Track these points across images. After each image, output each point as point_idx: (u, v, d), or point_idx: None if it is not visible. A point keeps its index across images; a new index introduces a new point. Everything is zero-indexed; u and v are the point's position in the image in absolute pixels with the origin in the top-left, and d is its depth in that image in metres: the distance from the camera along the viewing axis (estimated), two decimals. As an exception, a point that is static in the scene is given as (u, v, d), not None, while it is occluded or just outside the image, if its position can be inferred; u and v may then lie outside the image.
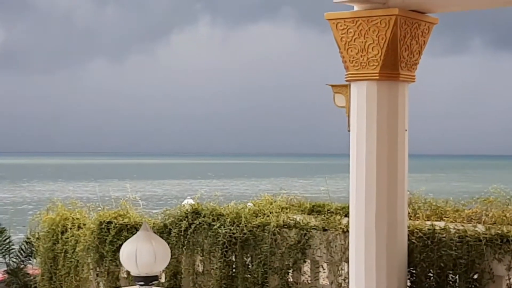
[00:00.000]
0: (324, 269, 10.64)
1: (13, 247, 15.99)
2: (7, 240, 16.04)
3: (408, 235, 9.42)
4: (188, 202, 13.27)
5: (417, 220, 10.22)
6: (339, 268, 10.37)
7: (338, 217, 10.62)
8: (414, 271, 9.63)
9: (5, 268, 16.04)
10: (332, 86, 9.60)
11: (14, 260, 15.88)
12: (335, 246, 10.34)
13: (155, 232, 10.39)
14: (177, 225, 11.53)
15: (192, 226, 11.40)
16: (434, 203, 10.89)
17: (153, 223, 11.73)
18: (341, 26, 8.94)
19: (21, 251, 15.85)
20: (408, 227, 9.47)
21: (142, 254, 8.32)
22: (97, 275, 12.43)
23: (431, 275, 9.54)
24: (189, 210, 11.61)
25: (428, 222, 9.89)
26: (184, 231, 11.45)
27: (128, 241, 8.58)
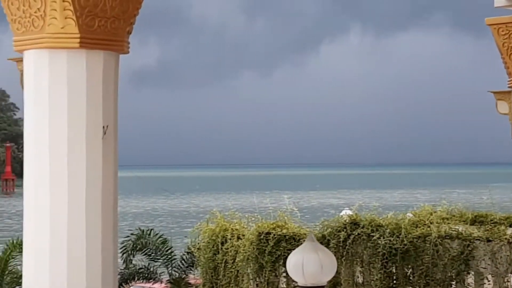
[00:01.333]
0: (489, 281, 10.33)
1: (175, 257, 16.34)
2: (169, 251, 16.40)
3: None
4: (346, 212, 13.18)
5: None
6: (505, 280, 10.04)
7: (502, 227, 10.30)
8: None
9: (168, 278, 16.42)
10: (494, 93, 9.32)
11: (176, 270, 16.23)
12: (500, 257, 10.03)
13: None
14: (336, 235, 11.46)
15: (351, 237, 11.30)
16: None
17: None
18: (502, 31, 8.66)
19: (183, 261, 16.18)
20: None
21: (308, 265, 8.32)
22: (257, 285, 12.48)
23: None
24: (347, 220, 11.52)
25: None
26: (343, 242, 11.36)
27: (294, 251, 8.59)
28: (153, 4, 7.39)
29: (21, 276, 17.00)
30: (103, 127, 7.00)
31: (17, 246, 17.55)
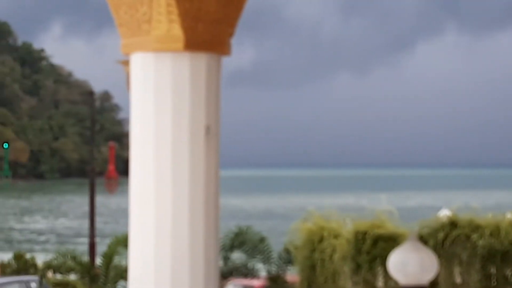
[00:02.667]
0: None
1: (272, 255, 16.47)
2: (267, 248, 16.54)
3: None
4: (444, 213, 13.11)
5: None
6: None
7: None
8: None
9: (265, 275, 16.56)
10: None
11: (274, 267, 16.37)
12: None
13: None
14: (434, 236, 11.44)
15: (450, 238, 11.26)
16: None
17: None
18: None
19: (280, 259, 16.31)
20: None
21: (410, 264, 8.37)
22: (354, 284, 12.55)
23: None
24: (445, 221, 11.48)
25: None
26: (441, 242, 11.33)
27: (396, 251, 8.64)
28: (248, 4, 7.54)
29: (125, 270, 17.60)
30: (206, 128, 7.17)
31: (121, 242, 17.99)
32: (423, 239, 11.61)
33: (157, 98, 7.18)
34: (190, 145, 7.21)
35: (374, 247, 12.08)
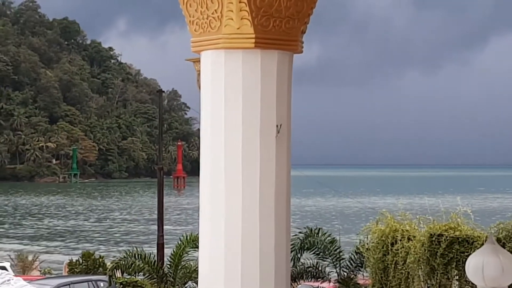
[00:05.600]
0: None
1: (343, 257, 16.28)
2: (337, 250, 16.35)
3: None
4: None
5: None
6: None
7: None
8: None
9: (336, 278, 16.37)
10: None
11: (345, 270, 16.16)
12: None
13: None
14: None
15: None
16: None
17: (485, 237, 11.39)
18: None
19: (351, 261, 16.10)
20: None
21: (489, 267, 8.11)
22: (428, 287, 12.29)
23: None
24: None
25: None
26: (519, 246, 11.02)
27: (474, 254, 8.41)
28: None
29: (193, 271, 17.51)
30: (277, 126, 7.05)
31: (190, 242, 17.97)
32: (501, 242, 11.30)
33: (228, 96, 7.09)
34: (260, 144, 7.09)
35: (449, 250, 11.80)
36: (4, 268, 27.88)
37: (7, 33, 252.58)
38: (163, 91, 41.87)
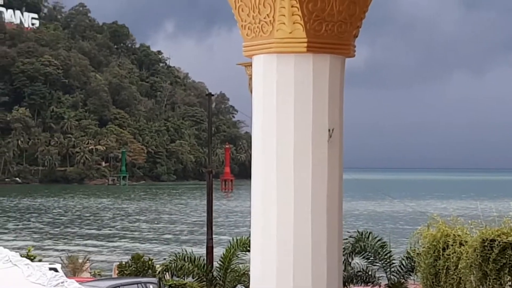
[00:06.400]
0: None
1: (393, 261, 16.18)
2: (388, 255, 16.25)
3: None
4: None
5: None
6: None
7: None
8: None
9: (386, 282, 16.28)
10: None
11: (395, 274, 16.05)
12: None
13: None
14: None
15: None
16: None
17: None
18: None
19: (402, 266, 15.98)
20: None
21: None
22: (480, 293, 12.18)
23: None
24: None
25: None
26: None
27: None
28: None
29: (243, 274, 17.53)
30: (329, 130, 7.04)
31: (239, 245, 17.99)
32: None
33: (280, 100, 7.10)
34: (312, 148, 7.08)
35: (502, 255, 11.66)
36: (55, 269, 28.19)
37: (58, 37, 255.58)
38: (212, 95, 41.94)
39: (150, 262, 31.14)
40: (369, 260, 16.35)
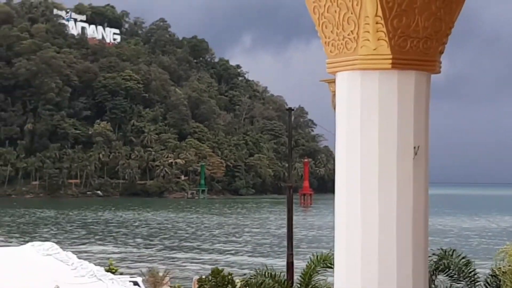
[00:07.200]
0: None
1: (478, 280, 15.91)
2: (472, 273, 15.98)
3: None
4: None
5: None
6: None
7: None
8: None
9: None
10: None
11: (480, 293, 15.77)
12: None
13: None
14: None
15: None
16: None
17: None
18: None
19: (487, 285, 15.69)
20: None
21: None
22: None
23: None
24: None
25: None
26: None
27: None
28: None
29: (324, 290, 17.38)
30: (414, 147, 6.98)
31: (320, 261, 17.91)
32: None
33: (364, 117, 7.06)
34: (397, 166, 7.02)
35: None
36: (136, 283, 28.49)
37: (138, 52, 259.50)
38: (292, 109, 42.04)
39: (229, 276, 31.26)
40: (453, 278, 16.09)
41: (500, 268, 13.39)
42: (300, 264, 20.49)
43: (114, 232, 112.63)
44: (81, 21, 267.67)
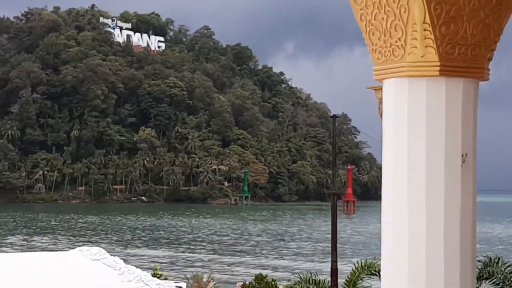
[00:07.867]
0: None
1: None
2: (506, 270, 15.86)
3: None
4: None
5: None
6: None
7: None
8: None
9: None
10: None
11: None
12: None
13: None
14: None
15: None
16: None
17: None
18: None
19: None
20: None
21: None
22: None
23: None
24: None
25: None
26: None
27: None
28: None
29: (368, 297, 17.33)
30: (462, 155, 6.95)
31: (364, 268, 17.86)
32: None
33: (411, 124, 7.04)
34: (445, 174, 6.99)
35: None
36: (181, 288, 28.57)
37: (182, 60, 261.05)
38: (337, 116, 41.96)
39: (273, 283, 31.26)
40: (498, 286, 15.98)
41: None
42: (344, 269, 20.48)
43: (158, 238, 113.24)
44: (127, 29, 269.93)
